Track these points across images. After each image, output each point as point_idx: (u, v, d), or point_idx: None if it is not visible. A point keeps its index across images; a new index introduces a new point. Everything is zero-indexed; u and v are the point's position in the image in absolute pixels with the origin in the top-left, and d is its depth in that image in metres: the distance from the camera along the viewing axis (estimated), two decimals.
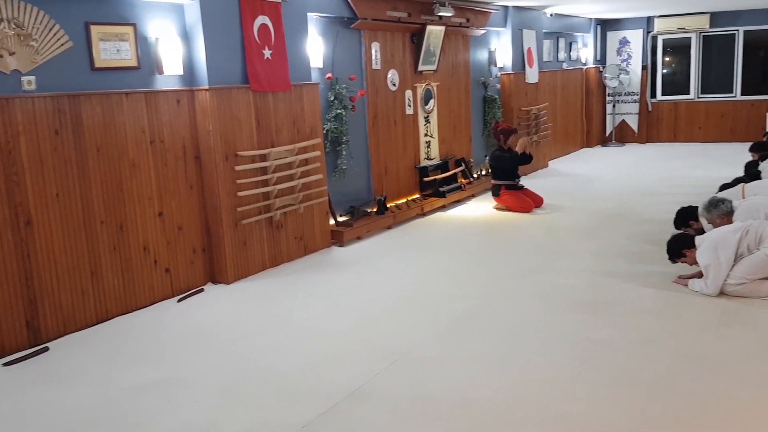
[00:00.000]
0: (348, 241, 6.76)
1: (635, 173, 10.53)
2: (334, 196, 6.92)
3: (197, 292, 5.46)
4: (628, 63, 14.25)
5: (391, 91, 7.77)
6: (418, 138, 8.33)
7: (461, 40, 9.20)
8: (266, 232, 5.96)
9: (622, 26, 14.18)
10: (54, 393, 3.76)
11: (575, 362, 3.87)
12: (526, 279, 5.44)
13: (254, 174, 5.76)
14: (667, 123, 14.28)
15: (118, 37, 4.86)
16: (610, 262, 5.78)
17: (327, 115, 6.78)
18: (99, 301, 4.82)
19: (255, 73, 5.67)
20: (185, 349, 4.30)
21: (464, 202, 8.69)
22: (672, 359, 3.84)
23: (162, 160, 5.21)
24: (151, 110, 5.09)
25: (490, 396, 3.50)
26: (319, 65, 6.68)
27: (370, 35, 7.39)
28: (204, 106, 5.37)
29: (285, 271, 5.94)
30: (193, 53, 5.34)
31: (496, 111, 9.98)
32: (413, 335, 4.34)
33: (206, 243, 5.63)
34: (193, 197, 5.50)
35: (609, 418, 3.23)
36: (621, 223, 7.16)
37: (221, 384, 3.77)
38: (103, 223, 4.82)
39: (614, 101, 14.37)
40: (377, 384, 3.68)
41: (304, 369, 3.92)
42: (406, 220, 7.66)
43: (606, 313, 4.61)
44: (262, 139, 5.84)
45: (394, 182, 7.95)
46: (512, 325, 4.46)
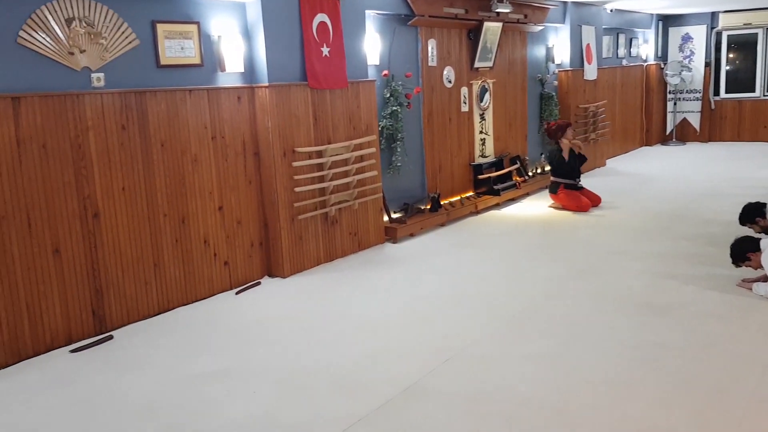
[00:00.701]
0: (401, 238, 6.78)
1: (697, 173, 10.23)
2: (388, 192, 6.95)
3: (254, 285, 5.57)
4: (691, 60, 13.84)
5: (446, 88, 7.75)
6: (473, 135, 8.28)
7: (518, 36, 9.10)
8: (321, 227, 6.03)
9: (684, 22, 13.77)
10: (117, 380, 3.90)
11: (634, 365, 3.79)
12: (583, 279, 5.35)
13: (311, 170, 5.83)
14: (731, 121, 13.81)
15: (183, 35, 4.99)
16: (670, 264, 5.64)
17: (382, 112, 6.81)
18: (161, 292, 4.97)
19: (313, 71, 5.74)
20: (243, 341, 4.40)
21: (519, 200, 8.60)
22: (734, 364, 3.73)
23: (222, 156, 5.33)
24: (212, 107, 5.22)
25: (547, 395, 3.47)
26: (376, 62, 6.71)
27: (427, 32, 7.38)
28: (263, 102, 5.47)
29: (339, 267, 6.01)
30: (254, 51, 5.44)
31: (552, 108, 9.83)
32: (468, 333, 4.33)
33: (263, 237, 5.73)
34: (252, 192, 5.60)
35: (668, 422, 3.16)
36: (682, 224, 6.97)
37: (278, 376, 3.84)
38: (166, 216, 4.96)
39: (675, 99, 13.98)
40: (432, 380, 3.69)
41: (359, 363, 3.96)
42: (460, 217, 7.63)
43: (666, 315, 4.50)
44: (318, 136, 5.91)
45: (448, 179, 7.93)
46: (569, 326, 4.40)
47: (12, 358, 4.15)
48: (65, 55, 4.32)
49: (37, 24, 4.16)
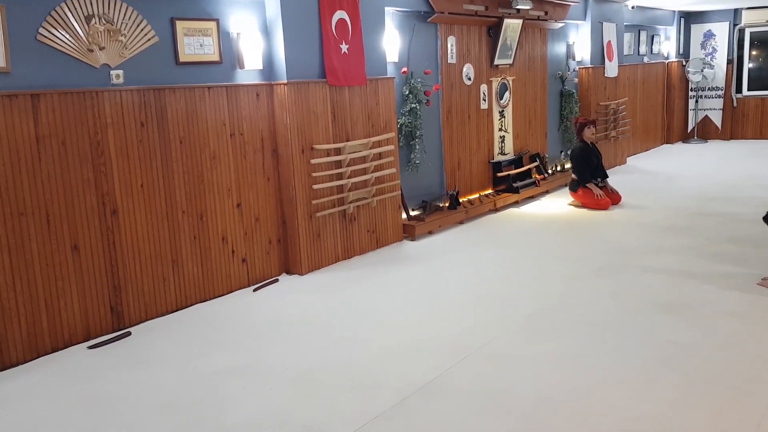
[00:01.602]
0: (420, 236, 6.76)
1: (719, 171, 10.09)
2: (407, 190, 6.92)
3: (272, 282, 5.57)
4: (713, 57, 13.64)
5: (466, 86, 7.70)
6: (492, 133, 8.23)
7: (539, 33, 9.03)
8: (339, 224, 6.03)
9: (707, 19, 13.58)
10: (135, 376, 3.92)
11: (653, 364, 3.74)
12: (603, 278, 5.29)
13: (329, 167, 5.83)
14: (754, 119, 13.60)
15: (202, 33, 5.00)
16: (690, 263, 5.56)
17: (401, 109, 6.79)
18: (179, 289, 4.99)
19: (332, 68, 5.73)
20: (260, 338, 4.40)
21: (538, 198, 8.53)
22: (755, 364, 3.67)
23: (241, 153, 5.34)
24: (231, 104, 5.22)
25: (565, 395, 3.43)
26: (395, 59, 6.69)
27: (446, 29, 7.34)
28: (282, 100, 5.47)
29: (357, 264, 5.99)
30: (273, 48, 5.45)
31: (573, 106, 9.74)
32: (485, 331, 4.30)
33: (281, 234, 5.74)
34: (270, 189, 5.61)
35: (688, 423, 3.11)
36: (703, 223, 6.87)
37: (295, 373, 3.84)
38: (184, 213, 4.98)
39: (697, 96, 13.79)
40: (449, 378, 3.67)
41: (376, 360, 3.95)
42: (479, 215, 7.59)
43: (686, 314, 4.44)
44: (337, 133, 5.90)
45: (467, 177, 7.89)
46: (588, 325, 4.35)
47: (30, 354, 4.18)
48: (84, 52, 4.35)
49: (57, 21, 4.19)
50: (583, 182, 7.84)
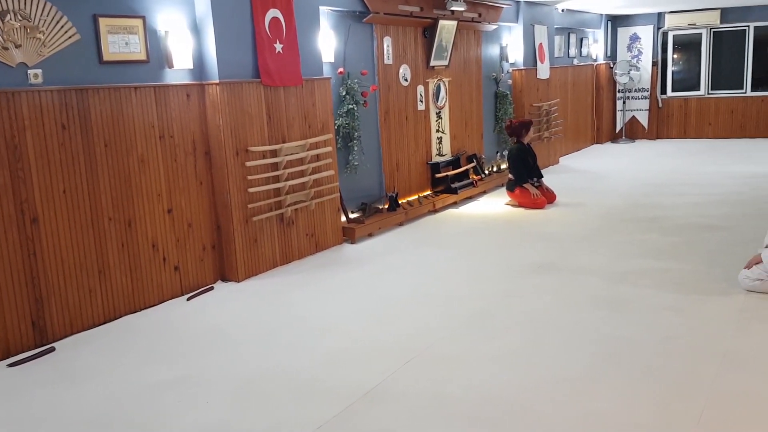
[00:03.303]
0: (360, 238, 6.65)
1: (648, 169, 10.40)
2: (346, 192, 6.81)
3: (207, 291, 5.36)
4: (639, 59, 14.11)
5: (402, 87, 7.66)
6: (429, 134, 8.21)
7: (473, 35, 9.08)
8: (277, 228, 5.86)
9: (632, 22, 14.03)
10: (62, 393, 3.67)
11: (598, 360, 3.75)
12: (543, 276, 5.32)
13: (265, 170, 5.66)
14: (678, 119, 14.13)
15: (127, 30, 4.76)
16: (626, 258, 5.66)
17: (338, 110, 6.67)
18: (107, 300, 4.72)
19: (266, 68, 5.57)
20: (196, 349, 4.20)
21: (476, 198, 8.57)
22: (695, 357, 3.73)
23: (171, 156, 5.11)
24: (160, 105, 5.00)
25: (513, 395, 3.39)
26: (331, 60, 6.57)
27: (382, 30, 7.27)
28: (214, 100, 5.27)
29: (296, 269, 5.84)
30: (203, 47, 5.24)
31: (507, 107, 9.85)
32: (430, 333, 4.23)
33: (216, 240, 5.53)
34: (203, 193, 5.40)
35: (635, 418, 3.12)
36: (636, 220, 7.03)
37: (234, 384, 3.67)
38: (111, 220, 4.72)
39: (624, 97, 14.23)
40: (395, 382, 3.57)
41: (318, 368, 3.81)
42: (418, 216, 7.55)
43: (625, 310, 4.49)
44: (273, 135, 5.73)
45: (406, 178, 7.84)
46: (531, 323, 4.34)
47: None
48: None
49: None
50: (520, 182, 7.92)
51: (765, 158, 10.83)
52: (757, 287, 4.59)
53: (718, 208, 7.35)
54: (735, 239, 6.07)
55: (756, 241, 5.80)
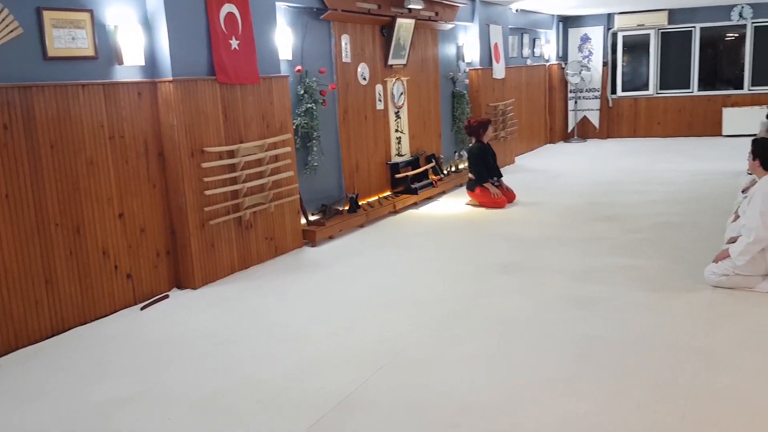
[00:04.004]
0: (320, 241, 6.47)
1: (602, 168, 10.51)
2: (305, 194, 6.62)
3: (162, 299, 5.10)
4: (589, 59, 14.30)
5: (361, 86, 7.51)
6: (389, 134, 8.09)
7: (430, 34, 9.00)
8: (235, 232, 5.63)
9: (583, 23, 14.21)
10: (7, 414, 3.39)
11: (573, 360, 3.68)
12: (509, 275, 5.25)
13: (222, 171, 5.43)
14: (628, 118, 14.38)
15: (74, 24, 4.48)
16: (591, 256, 5.64)
17: (297, 109, 6.48)
18: (54, 311, 4.43)
19: (222, 65, 5.34)
20: (154, 361, 3.96)
21: (436, 198, 8.49)
22: (670, 354, 3.69)
23: (122, 157, 4.84)
24: (110, 103, 4.72)
25: (489, 398, 3.28)
26: (288, 57, 6.38)
27: (340, 27, 7.11)
28: (167, 98, 5.02)
29: (256, 274, 5.62)
30: (156, 42, 4.99)
31: (464, 106, 9.81)
32: (400, 337, 4.09)
33: (171, 246, 5.27)
34: (157, 197, 5.14)
35: (618, 419, 3.04)
36: (596, 218, 7.05)
37: (197, 398, 3.45)
38: (57, 226, 4.43)
39: (576, 97, 14.40)
40: (368, 391, 3.42)
41: (287, 377, 3.63)
42: (379, 218, 7.41)
43: (595, 308, 4.44)
44: (229, 135, 5.51)
45: (366, 179, 7.69)
46: (503, 324, 4.25)
47: None
48: None
49: None
50: (481, 181, 7.86)
51: (713, 156, 11.07)
52: (724, 282, 4.60)
53: (675, 205, 7.43)
54: (695, 235, 6.13)
55: (715, 237, 5.87)
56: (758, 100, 13.11)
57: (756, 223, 4.40)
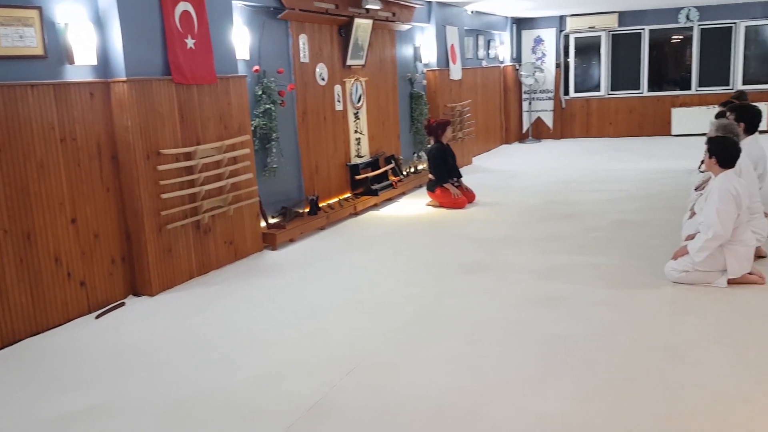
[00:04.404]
0: (281, 244, 6.36)
1: (557, 168, 10.65)
2: (265, 196, 6.49)
3: (117, 307, 4.92)
4: (543, 61, 14.50)
5: (320, 86, 7.42)
6: (348, 135, 8.01)
7: (387, 35, 8.97)
8: (193, 237, 5.48)
9: (536, 25, 14.41)
10: None
11: (542, 359, 3.67)
12: (473, 275, 5.24)
13: (179, 174, 5.28)
14: (580, 119, 14.63)
15: (21, 22, 4.28)
16: (552, 255, 5.67)
17: (255, 110, 6.35)
18: (4, 322, 4.22)
19: (177, 64, 5.19)
20: (111, 372, 3.80)
21: (396, 200, 8.45)
22: (637, 351, 3.72)
23: (74, 160, 4.65)
24: (60, 104, 4.53)
25: (464, 401, 3.24)
26: (246, 57, 6.24)
27: (298, 27, 7.01)
28: (121, 99, 4.85)
29: (215, 279, 5.48)
30: (108, 41, 4.81)
31: (422, 107, 9.80)
32: (368, 340, 4.03)
33: (126, 252, 5.10)
34: (111, 201, 4.96)
35: (592, 417, 3.04)
36: (554, 216, 7.11)
37: (159, 410, 3.32)
38: (7, 232, 4.22)
39: (530, 98, 14.58)
40: (338, 396, 3.34)
41: (253, 385, 3.53)
42: (340, 220, 7.33)
43: (559, 306, 4.46)
44: (186, 136, 5.36)
45: (326, 181, 7.60)
46: (469, 324, 4.23)
47: None
48: None
49: None
50: (441, 182, 7.86)
51: (664, 155, 11.34)
52: (684, 278, 4.68)
53: (630, 203, 7.56)
54: (652, 232, 6.24)
55: (672, 234, 5.98)
56: (705, 100, 13.50)
57: (713, 220, 4.49)
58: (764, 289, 4.53)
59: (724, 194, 4.49)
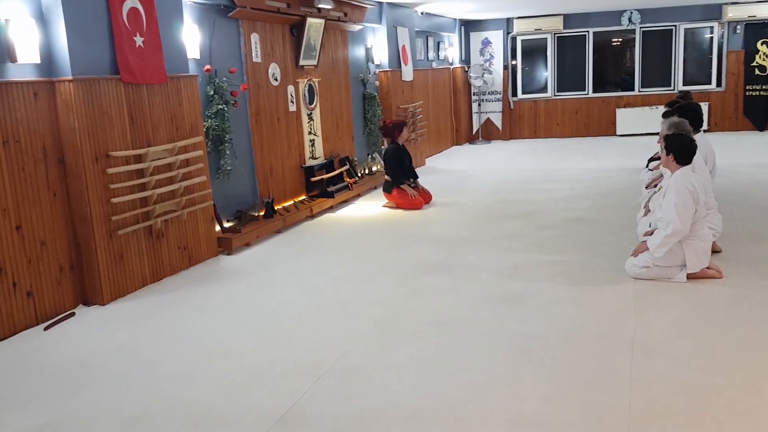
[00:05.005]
0: (237, 249, 6.18)
1: (509, 168, 10.74)
2: (219, 199, 6.30)
3: (67, 317, 4.68)
4: (491, 63, 14.63)
5: (273, 86, 7.26)
6: (302, 136, 7.87)
7: (339, 35, 8.87)
8: (145, 242, 5.27)
9: (484, 27, 14.54)
10: None
11: (512, 359, 3.64)
12: (436, 276, 5.19)
13: (130, 177, 5.06)
14: (528, 120, 14.83)
15: None
16: (512, 254, 5.68)
17: (207, 111, 6.15)
18: None
19: (126, 63, 4.98)
20: (63, 387, 3.59)
21: (351, 202, 8.35)
22: (605, 347, 3.72)
23: (18, 164, 4.40)
24: (2, 105, 4.28)
25: (436, 404, 3.17)
26: (197, 56, 6.05)
27: (249, 25, 6.85)
28: (67, 99, 4.61)
29: (170, 286, 5.28)
30: (53, 39, 4.57)
31: (375, 108, 9.74)
32: (334, 346, 3.92)
33: (75, 259, 4.85)
34: (58, 206, 4.71)
35: (566, 416, 3.02)
36: (511, 216, 7.14)
37: (118, 425, 3.14)
38: None
39: (479, 100, 14.70)
40: (308, 403, 3.23)
41: (218, 396, 3.37)
42: (296, 223, 7.19)
43: (524, 304, 4.45)
44: (137, 138, 5.15)
45: (280, 183, 7.45)
46: (437, 326, 4.17)
47: None
48: None
49: None
50: (398, 183, 7.81)
51: (611, 154, 11.58)
52: (644, 274, 4.74)
53: (583, 202, 7.66)
54: (606, 230, 6.32)
55: (626, 231, 6.08)
56: (648, 100, 13.87)
57: (672, 216, 4.55)
58: (722, 283, 4.62)
59: (681, 191, 4.56)
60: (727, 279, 4.68)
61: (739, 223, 6.02)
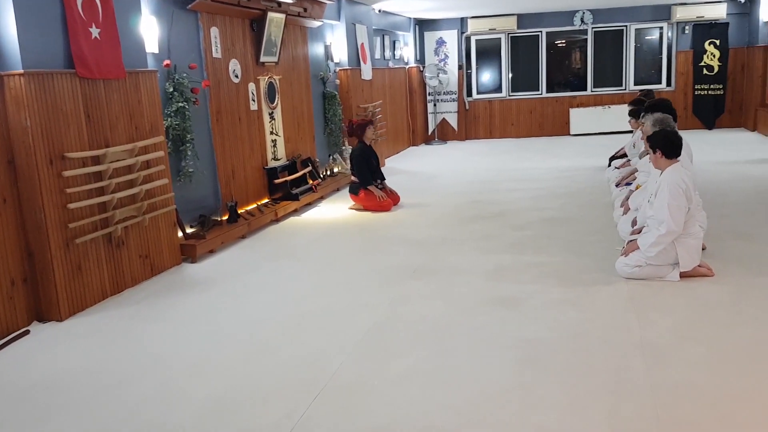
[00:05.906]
0: (201, 256, 5.79)
1: (471, 168, 10.60)
2: (180, 203, 5.89)
3: (21, 336, 4.23)
4: (446, 63, 14.52)
5: (234, 84, 6.89)
6: (264, 136, 7.51)
7: (299, 31, 8.54)
8: (105, 251, 4.84)
9: (438, 27, 14.41)
10: None
11: (518, 366, 3.43)
12: (421, 280, 4.94)
13: (87, 180, 4.64)
14: (484, 120, 14.77)
15: None
16: (494, 255, 5.49)
17: (167, 109, 5.74)
18: None
19: (81, 55, 4.56)
20: (24, 414, 3.19)
21: (315, 204, 8.03)
22: (614, 352, 3.55)
23: None
24: None
25: (448, 419, 2.93)
26: (155, 50, 5.64)
27: (209, 19, 6.46)
28: (17, 95, 4.17)
29: (132, 298, 4.87)
30: (1, 29, 4.12)
31: (336, 108, 9.44)
32: (328, 359, 3.62)
33: (29, 271, 4.40)
34: (9, 213, 4.26)
35: (591, 427, 2.81)
36: (483, 216, 6.96)
37: None
38: None
39: (435, 100, 14.57)
40: (310, 423, 2.93)
41: (205, 418, 3.04)
42: (261, 227, 6.83)
43: (519, 308, 4.25)
44: (94, 138, 4.73)
45: (243, 186, 7.07)
46: (433, 332, 3.92)
47: None
48: None
49: None
50: (365, 184, 7.53)
51: (569, 153, 11.58)
52: (636, 273, 4.61)
53: (553, 201, 7.55)
54: (584, 229, 6.20)
55: (606, 230, 5.99)
56: (600, 100, 14.01)
57: (665, 216, 4.43)
58: (714, 282, 4.53)
59: (674, 189, 4.45)
60: (718, 277, 4.59)
61: (717, 220, 5.99)
